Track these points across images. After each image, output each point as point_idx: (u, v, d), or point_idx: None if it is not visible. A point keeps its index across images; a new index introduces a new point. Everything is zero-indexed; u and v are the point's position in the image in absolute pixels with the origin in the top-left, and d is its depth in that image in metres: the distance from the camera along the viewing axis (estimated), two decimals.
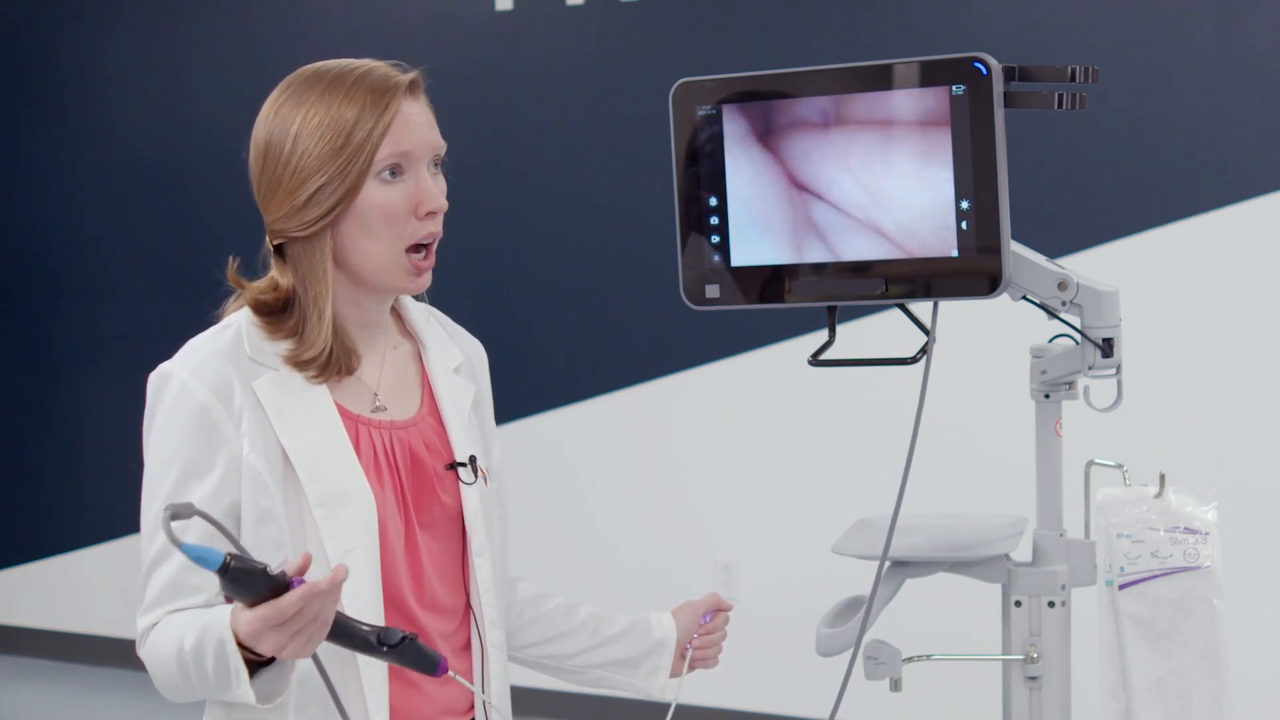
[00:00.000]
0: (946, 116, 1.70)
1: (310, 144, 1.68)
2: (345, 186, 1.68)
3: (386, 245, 1.71)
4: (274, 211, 1.71)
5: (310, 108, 1.69)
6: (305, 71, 1.74)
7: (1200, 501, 1.90)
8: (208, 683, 1.60)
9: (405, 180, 1.71)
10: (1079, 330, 1.84)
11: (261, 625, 1.46)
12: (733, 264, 1.82)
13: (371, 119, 1.68)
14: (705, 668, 2.06)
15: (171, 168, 5.37)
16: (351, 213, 1.69)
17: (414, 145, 1.71)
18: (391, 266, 1.72)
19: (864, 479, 4.14)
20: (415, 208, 1.71)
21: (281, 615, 1.45)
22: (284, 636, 1.47)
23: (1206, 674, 1.87)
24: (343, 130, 1.67)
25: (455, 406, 1.85)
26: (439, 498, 1.79)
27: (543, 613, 2.02)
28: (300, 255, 1.71)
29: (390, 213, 1.70)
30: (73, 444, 5.66)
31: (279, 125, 1.71)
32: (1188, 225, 3.99)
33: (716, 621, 2.07)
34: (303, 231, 1.69)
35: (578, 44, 4.71)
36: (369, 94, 1.69)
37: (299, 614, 1.46)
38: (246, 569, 1.44)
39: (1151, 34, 3.99)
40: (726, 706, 4.59)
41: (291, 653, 1.49)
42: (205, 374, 1.69)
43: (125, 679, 5.42)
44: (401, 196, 1.70)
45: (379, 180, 1.69)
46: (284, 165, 1.69)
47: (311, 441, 1.70)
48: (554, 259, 4.79)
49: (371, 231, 1.70)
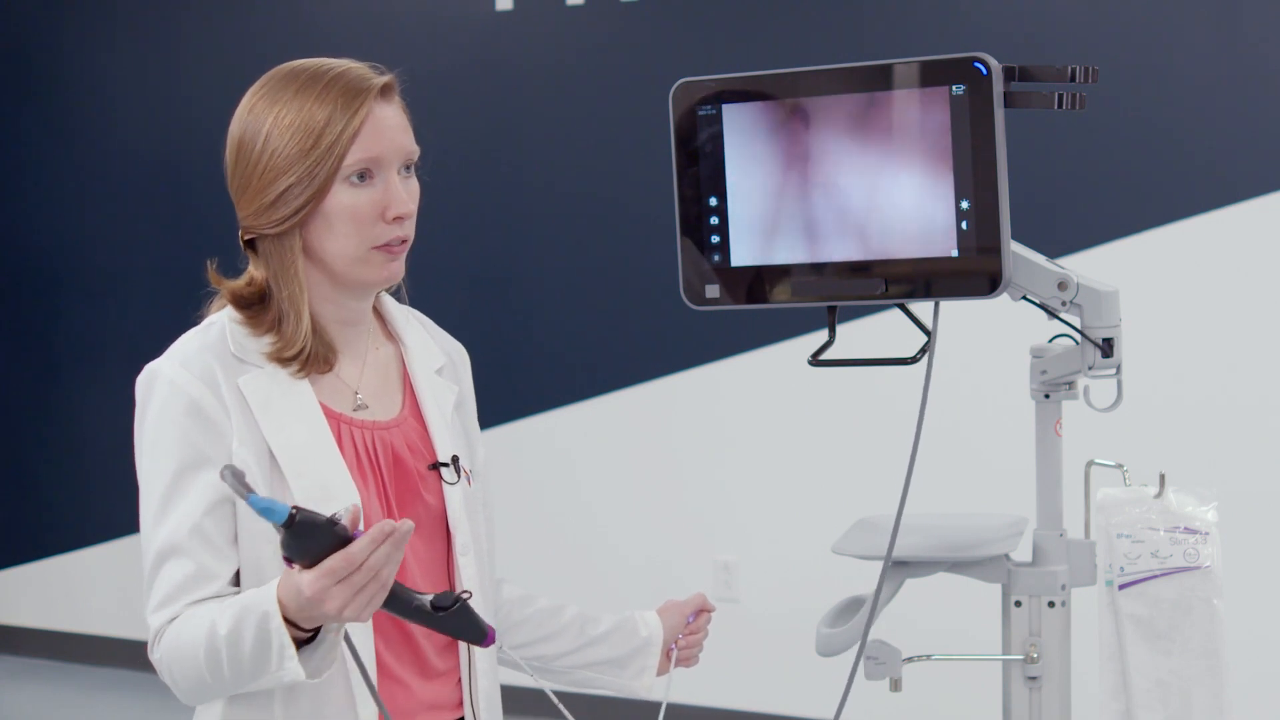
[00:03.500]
0: (946, 116, 1.70)
1: (280, 144, 1.68)
2: (313, 188, 1.68)
3: (354, 246, 1.71)
4: (245, 208, 1.72)
5: (283, 107, 1.69)
6: (282, 69, 1.74)
7: (1200, 501, 1.90)
8: (241, 669, 1.57)
9: (374, 184, 1.71)
10: (1079, 330, 1.84)
11: (330, 579, 1.45)
12: (733, 264, 1.82)
13: (342, 121, 1.68)
14: (685, 667, 2.07)
15: (171, 168, 5.37)
16: (319, 213, 1.70)
17: (383, 150, 1.70)
18: (360, 260, 1.72)
19: (864, 479, 4.15)
20: (383, 212, 1.71)
21: (352, 563, 1.44)
22: (349, 592, 1.46)
23: (1206, 674, 1.87)
24: (313, 131, 1.67)
25: (437, 407, 1.85)
26: (422, 497, 1.79)
27: (529, 614, 2.02)
28: (271, 252, 1.72)
29: (357, 215, 1.70)
30: (73, 444, 5.66)
31: (252, 123, 1.71)
32: (1188, 225, 3.99)
33: (700, 622, 2.08)
34: (272, 229, 1.70)
35: (578, 44, 4.71)
36: (341, 96, 1.69)
37: (365, 565, 1.45)
38: (312, 520, 1.43)
39: (1151, 34, 4.00)
40: (726, 706, 4.60)
41: (353, 612, 1.47)
42: (194, 368, 1.69)
43: (125, 679, 5.42)
44: (369, 200, 1.70)
45: (347, 183, 1.69)
46: (254, 163, 1.70)
47: (296, 439, 1.70)
48: (554, 259, 4.79)
49: (338, 232, 1.70)
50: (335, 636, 1.57)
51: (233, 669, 1.58)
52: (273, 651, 1.54)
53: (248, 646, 1.55)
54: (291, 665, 1.54)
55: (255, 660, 1.56)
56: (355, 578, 1.45)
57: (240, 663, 1.57)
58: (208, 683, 1.62)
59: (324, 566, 1.45)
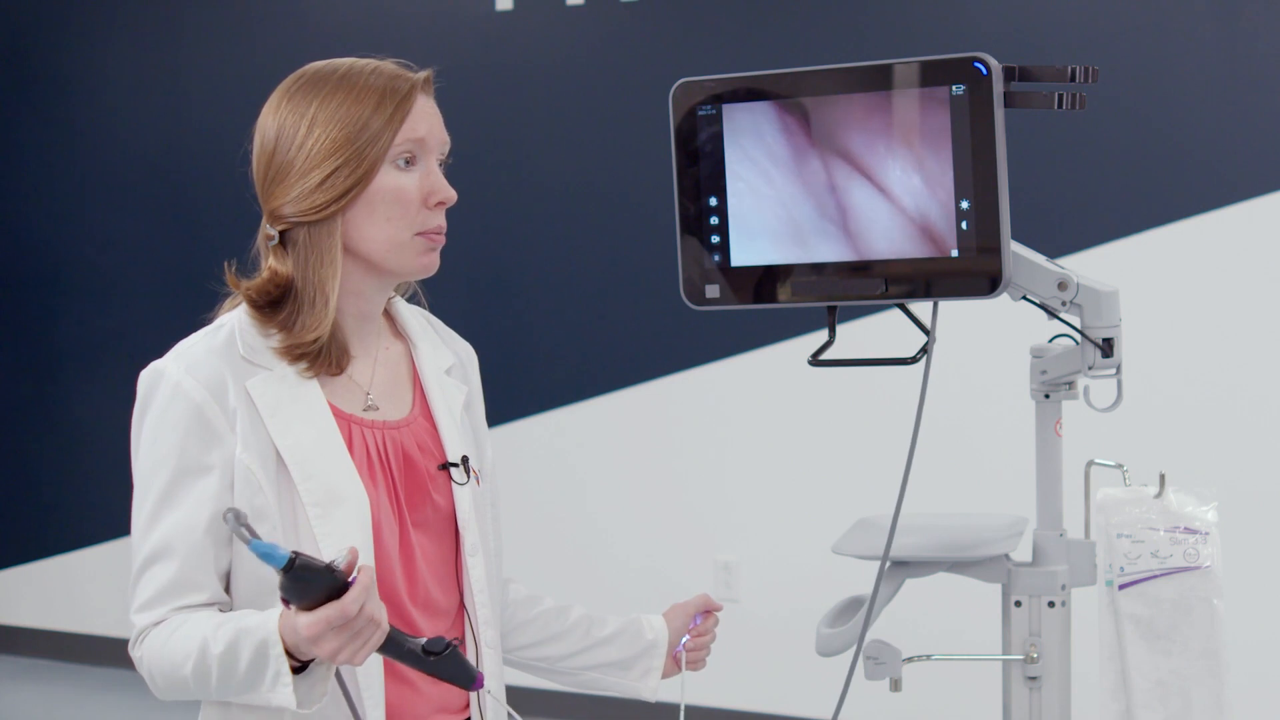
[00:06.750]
0: (946, 116, 1.70)
1: (327, 128, 1.69)
2: (361, 171, 1.69)
3: (397, 230, 1.72)
4: (281, 197, 1.71)
5: (325, 98, 1.71)
6: (314, 67, 1.76)
7: (1200, 501, 1.90)
8: (230, 686, 1.59)
9: (417, 169, 1.73)
10: (1079, 330, 1.84)
11: (324, 627, 1.47)
12: (732, 264, 1.82)
13: (390, 106, 1.70)
14: (693, 670, 2.07)
15: (171, 168, 5.37)
16: (364, 198, 1.70)
17: (428, 134, 1.73)
18: (404, 245, 1.73)
19: (864, 479, 4.15)
20: (426, 197, 1.73)
21: (345, 614, 1.46)
22: (343, 639, 1.48)
23: (1206, 674, 1.87)
24: (359, 117, 1.69)
25: (447, 407, 1.85)
26: (432, 498, 1.79)
27: (535, 615, 2.02)
28: (308, 241, 1.71)
29: (403, 198, 1.71)
30: (73, 444, 5.66)
31: (291, 112, 1.72)
32: (1188, 225, 3.99)
33: (706, 624, 2.08)
34: (314, 215, 1.70)
35: (578, 44, 4.71)
36: (388, 84, 1.71)
37: (359, 614, 1.47)
38: (310, 566, 1.45)
39: (1151, 34, 4.00)
40: (727, 706, 4.60)
41: (347, 656, 1.49)
42: (200, 373, 1.69)
43: (125, 679, 5.41)
44: (415, 184, 1.73)
45: (394, 167, 1.71)
46: (297, 149, 1.70)
47: (304, 440, 1.70)
48: (554, 259, 4.79)
49: (382, 216, 1.71)
50: (326, 670, 1.58)
51: (221, 685, 1.60)
52: (267, 676, 1.55)
53: (243, 668, 1.57)
54: (285, 692, 1.55)
55: (249, 681, 1.57)
56: (351, 624, 1.47)
57: (230, 681, 1.59)
58: (190, 690, 1.65)
59: (319, 615, 1.47)
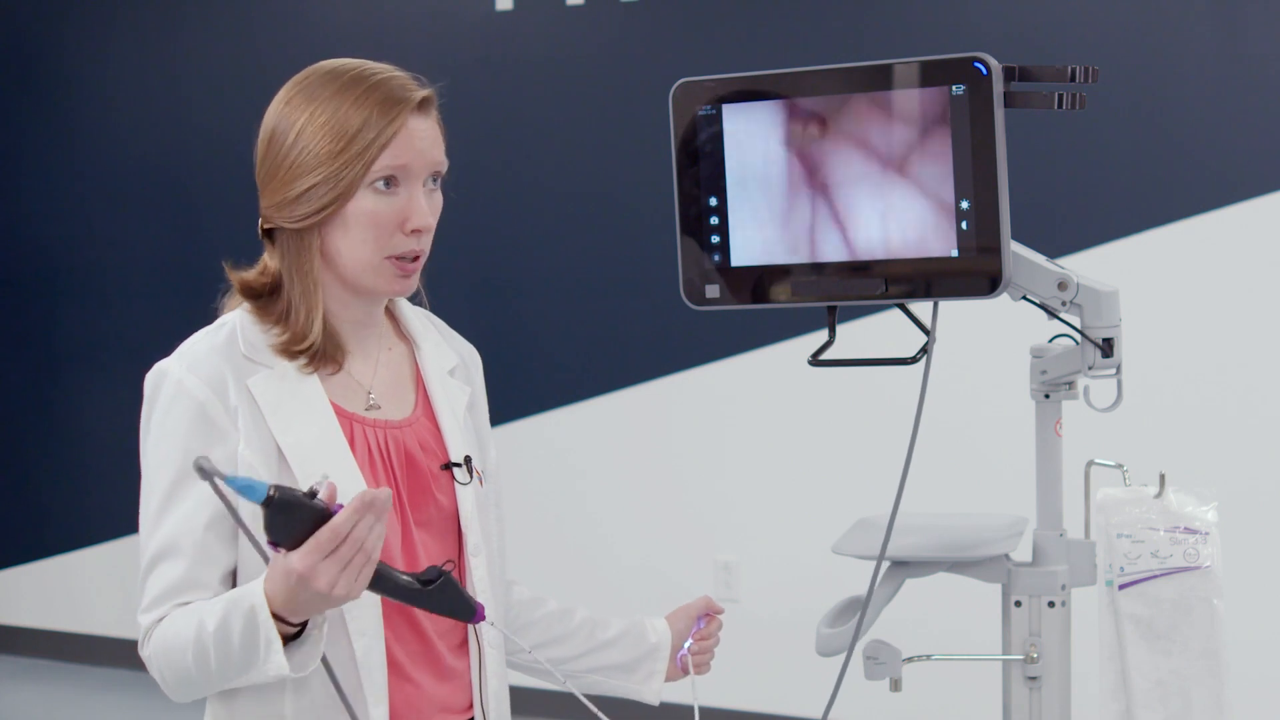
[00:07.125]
0: (946, 116, 1.70)
1: (312, 141, 1.69)
2: (338, 190, 1.69)
3: (370, 252, 1.72)
4: (268, 198, 1.73)
5: (320, 105, 1.70)
6: (324, 66, 1.76)
7: (1200, 501, 1.90)
8: (229, 663, 1.59)
9: (398, 194, 1.72)
10: (1079, 330, 1.84)
11: (317, 554, 1.47)
12: (732, 264, 1.82)
13: (376, 128, 1.69)
14: (699, 673, 2.07)
15: (171, 168, 5.37)
16: (340, 216, 1.71)
17: (411, 160, 1.72)
18: (373, 269, 1.73)
19: (864, 479, 4.14)
20: (403, 222, 1.72)
21: (338, 535, 1.46)
22: (337, 567, 1.47)
23: (1206, 674, 1.87)
24: (346, 134, 1.68)
25: (450, 407, 1.85)
26: (434, 497, 1.80)
27: (538, 617, 2.02)
28: (288, 246, 1.74)
29: (377, 222, 1.71)
30: (73, 444, 5.66)
31: (286, 116, 1.72)
32: (1188, 225, 3.99)
33: (710, 628, 2.08)
34: (292, 224, 1.72)
35: (578, 44, 4.71)
36: (380, 103, 1.70)
37: (350, 537, 1.47)
38: (291, 498, 1.45)
39: (1151, 34, 4.00)
40: (727, 706, 4.59)
41: (344, 587, 1.49)
42: (202, 371, 1.70)
43: (125, 679, 5.42)
44: (391, 209, 1.71)
45: (372, 189, 1.70)
46: (283, 157, 1.71)
47: (306, 438, 1.71)
48: (554, 259, 4.79)
49: (354, 237, 1.71)
50: (319, 633, 1.59)
51: (220, 663, 1.60)
52: (260, 643, 1.56)
53: (236, 639, 1.57)
54: (277, 658, 1.56)
55: (243, 652, 1.57)
56: (342, 551, 1.47)
57: (228, 657, 1.59)
58: (195, 678, 1.64)
59: (311, 542, 1.47)
